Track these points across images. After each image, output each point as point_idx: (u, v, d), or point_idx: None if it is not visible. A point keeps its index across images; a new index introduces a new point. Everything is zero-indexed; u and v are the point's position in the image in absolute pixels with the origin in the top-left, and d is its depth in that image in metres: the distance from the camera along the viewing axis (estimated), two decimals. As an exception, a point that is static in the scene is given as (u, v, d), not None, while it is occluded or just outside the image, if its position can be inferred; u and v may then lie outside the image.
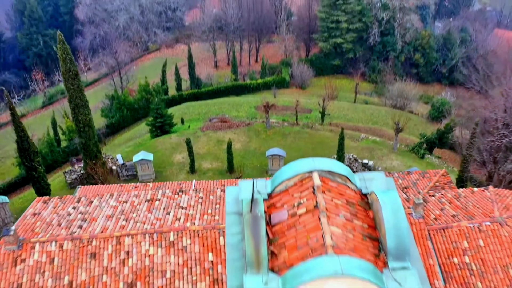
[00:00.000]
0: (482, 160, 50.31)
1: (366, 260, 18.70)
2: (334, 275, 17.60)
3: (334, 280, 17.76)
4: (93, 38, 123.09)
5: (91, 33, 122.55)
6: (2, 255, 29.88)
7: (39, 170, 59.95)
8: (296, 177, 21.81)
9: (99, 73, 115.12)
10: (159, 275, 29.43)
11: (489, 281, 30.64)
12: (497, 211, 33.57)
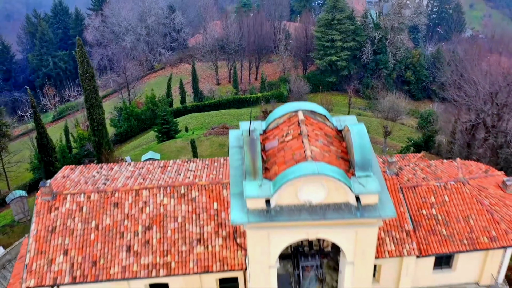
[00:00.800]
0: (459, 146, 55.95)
1: (339, 172, 24.47)
2: (312, 174, 23.33)
3: (312, 178, 23.51)
4: (101, 58, 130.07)
5: (99, 54, 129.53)
6: (39, 204, 35.55)
7: (56, 165, 65.76)
8: (285, 116, 27.81)
9: (106, 91, 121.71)
10: (172, 220, 35.04)
11: (452, 228, 36.18)
12: (461, 174, 39.34)
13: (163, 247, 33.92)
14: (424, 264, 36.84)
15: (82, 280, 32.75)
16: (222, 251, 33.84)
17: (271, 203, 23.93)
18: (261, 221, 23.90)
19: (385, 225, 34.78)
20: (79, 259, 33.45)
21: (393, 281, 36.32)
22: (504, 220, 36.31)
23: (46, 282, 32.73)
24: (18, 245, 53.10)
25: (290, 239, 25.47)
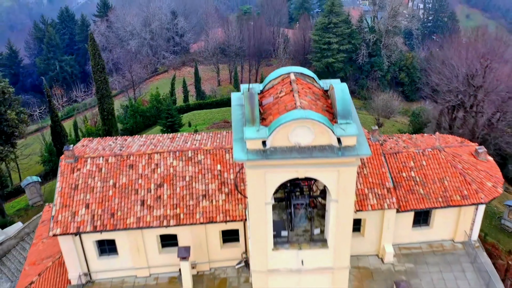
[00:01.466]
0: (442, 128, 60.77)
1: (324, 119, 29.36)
2: (301, 118, 28.20)
3: (301, 122, 28.38)
4: (106, 62, 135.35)
5: (105, 58, 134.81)
6: (63, 166, 40.50)
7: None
8: (279, 78, 32.80)
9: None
10: (181, 179, 39.94)
11: (428, 188, 41.07)
12: (437, 143, 44.31)
13: (173, 201, 38.76)
14: (404, 222, 41.67)
15: (101, 228, 37.54)
16: (225, 205, 38.69)
17: (267, 144, 28.78)
18: (258, 159, 28.74)
19: (368, 183, 39.67)
20: (99, 211, 38.26)
21: (376, 235, 41.08)
22: (475, 182, 41.17)
23: (70, 230, 37.53)
24: (36, 219, 57.93)
25: (283, 178, 30.28)
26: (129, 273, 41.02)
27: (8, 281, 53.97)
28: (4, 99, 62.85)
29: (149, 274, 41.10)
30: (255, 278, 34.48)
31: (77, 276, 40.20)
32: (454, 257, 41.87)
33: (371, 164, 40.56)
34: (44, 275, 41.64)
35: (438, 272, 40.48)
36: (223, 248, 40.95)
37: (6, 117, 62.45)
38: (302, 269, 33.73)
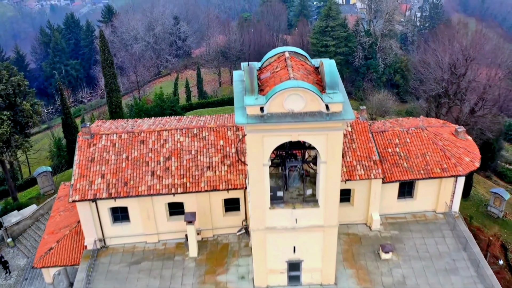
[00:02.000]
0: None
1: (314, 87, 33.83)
2: (293, 87, 32.66)
3: (293, 90, 32.85)
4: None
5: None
6: (81, 141, 44.97)
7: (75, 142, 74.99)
8: (275, 56, 37.38)
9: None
10: (187, 153, 44.39)
11: (412, 162, 45.48)
12: (421, 123, 48.82)
13: (180, 172, 43.18)
14: (389, 194, 46.06)
15: (116, 195, 41.94)
16: (227, 175, 43.12)
17: (264, 110, 33.22)
18: (257, 123, 33.19)
19: (357, 156, 44.10)
20: (113, 181, 42.67)
21: (364, 204, 45.44)
22: (454, 157, 45.62)
23: (88, 197, 41.92)
24: (50, 202, 62.32)
25: (278, 141, 34.67)
26: (139, 239, 45.30)
27: (24, 257, 58.30)
28: (20, 91, 67.42)
29: (158, 240, 45.39)
30: (254, 236, 38.82)
31: (92, 242, 44.43)
32: (436, 225, 46.17)
33: (359, 140, 45.00)
34: (62, 242, 45.94)
35: (421, 238, 44.79)
36: (225, 216, 45.27)
37: (21, 108, 67.01)
38: (296, 226, 38.01)
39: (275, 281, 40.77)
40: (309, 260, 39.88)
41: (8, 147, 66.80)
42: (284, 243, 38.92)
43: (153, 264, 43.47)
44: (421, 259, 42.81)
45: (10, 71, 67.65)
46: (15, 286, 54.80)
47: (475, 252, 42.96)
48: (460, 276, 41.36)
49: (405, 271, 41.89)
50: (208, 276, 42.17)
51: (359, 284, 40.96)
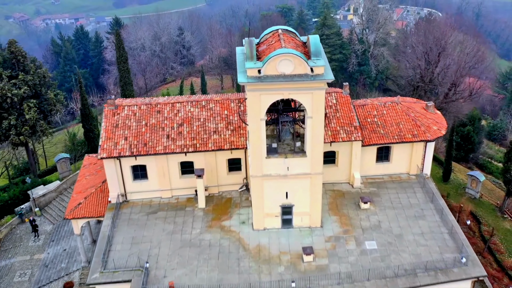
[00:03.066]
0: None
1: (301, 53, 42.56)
2: (284, 53, 41.49)
3: (285, 56, 41.68)
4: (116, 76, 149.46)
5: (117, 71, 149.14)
6: (107, 111, 53.62)
7: (95, 132, 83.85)
8: (270, 33, 46.30)
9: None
10: (196, 120, 52.97)
11: (387, 130, 53.94)
12: (396, 99, 57.54)
13: (191, 135, 51.75)
14: (369, 158, 54.47)
15: (137, 153, 50.46)
16: (230, 137, 51.68)
17: (261, 72, 41.98)
18: (255, 82, 41.93)
19: (340, 123, 52.65)
20: (134, 142, 51.23)
21: (347, 165, 53.84)
22: (424, 125, 54.20)
23: (113, 154, 50.42)
24: (72, 177, 70.80)
25: (272, 98, 43.30)
26: (155, 195, 53.65)
27: (50, 224, 66.59)
28: (44, 82, 76.43)
29: (171, 195, 53.74)
30: (253, 182, 47.31)
31: (116, 196, 52.75)
32: (408, 184, 54.56)
33: (342, 110, 53.64)
34: (89, 198, 54.29)
35: (395, 193, 53.15)
36: (229, 175, 53.67)
37: (46, 97, 75.92)
38: (288, 174, 46.50)
39: (271, 224, 49.05)
40: (299, 205, 48.22)
41: (34, 132, 75.42)
42: (278, 189, 47.31)
43: (167, 213, 51.77)
44: (394, 209, 51.11)
45: (36, 64, 76.70)
46: (43, 247, 63.00)
47: (440, 203, 51.26)
48: (427, 221, 49.63)
49: (381, 217, 50.17)
50: (214, 222, 50.45)
51: (342, 227, 49.23)
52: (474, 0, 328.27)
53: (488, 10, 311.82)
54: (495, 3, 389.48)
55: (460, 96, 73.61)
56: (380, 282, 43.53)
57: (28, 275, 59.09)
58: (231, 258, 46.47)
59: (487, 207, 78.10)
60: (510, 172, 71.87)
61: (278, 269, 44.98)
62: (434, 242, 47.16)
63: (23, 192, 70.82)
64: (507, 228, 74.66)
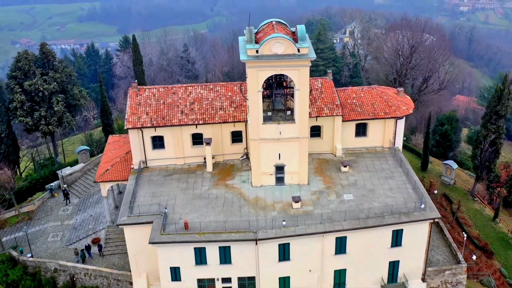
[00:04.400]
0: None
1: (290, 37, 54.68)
2: (277, 36, 53.74)
3: (277, 39, 53.89)
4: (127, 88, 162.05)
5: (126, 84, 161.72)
6: (131, 92, 65.56)
7: (113, 127, 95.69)
8: (266, 24, 58.64)
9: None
10: (205, 100, 64.82)
11: (364, 109, 65.57)
12: (373, 86, 69.58)
13: (201, 111, 63.51)
14: (349, 132, 66.00)
15: (156, 125, 62.18)
16: (233, 113, 63.42)
17: (259, 52, 54.06)
18: (253, 60, 53.95)
19: (324, 102, 64.47)
20: (154, 116, 62.95)
21: (330, 138, 65.40)
22: (394, 106, 66.02)
23: (137, 125, 62.13)
24: (95, 160, 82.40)
25: (267, 74, 55.10)
26: (171, 162, 65.01)
27: (76, 198, 77.94)
28: (71, 80, 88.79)
29: (184, 162, 65.16)
30: (251, 145, 58.96)
31: (138, 163, 64.19)
32: (382, 154, 66.05)
33: (326, 92, 65.51)
34: (115, 165, 65.81)
35: (370, 161, 64.63)
36: (232, 145, 65.21)
37: (71, 93, 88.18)
38: (280, 137, 58.16)
39: (267, 182, 60.47)
40: (289, 165, 59.72)
41: (60, 123, 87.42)
42: (272, 150, 58.85)
43: (181, 176, 63.20)
44: (369, 171, 62.54)
45: (63, 64, 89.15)
46: (71, 215, 74.27)
47: (407, 167, 62.68)
48: (395, 180, 61.04)
49: (357, 178, 61.60)
50: (220, 181, 61.89)
51: (325, 184, 60.66)
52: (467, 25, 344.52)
53: (480, 35, 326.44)
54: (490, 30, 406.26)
55: (431, 89, 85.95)
56: (354, 222, 54.70)
57: (60, 236, 70.23)
58: (233, 206, 57.76)
59: (460, 192, 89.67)
60: (478, 158, 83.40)
61: (272, 213, 56.23)
62: (400, 195, 58.41)
63: (52, 173, 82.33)
64: (476, 208, 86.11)
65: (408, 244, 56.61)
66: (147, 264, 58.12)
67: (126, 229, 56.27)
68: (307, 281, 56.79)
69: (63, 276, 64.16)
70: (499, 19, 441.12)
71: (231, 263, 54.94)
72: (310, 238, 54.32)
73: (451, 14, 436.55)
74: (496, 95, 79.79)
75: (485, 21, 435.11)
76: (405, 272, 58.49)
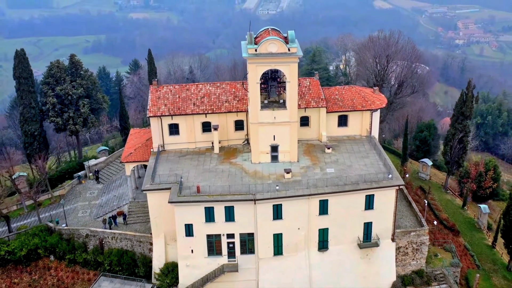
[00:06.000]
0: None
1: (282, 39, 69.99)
2: (272, 38, 69.18)
3: (272, 41, 69.24)
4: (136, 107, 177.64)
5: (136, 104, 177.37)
6: (152, 88, 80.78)
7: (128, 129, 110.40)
8: (263, 30, 74.18)
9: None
10: (213, 95, 79.78)
11: (344, 103, 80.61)
12: (354, 86, 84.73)
13: (210, 103, 78.37)
14: (332, 122, 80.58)
15: (172, 113, 77.09)
16: (237, 105, 78.35)
17: (257, 51, 69.43)
18: (253, 57, 69.22)
19: (312, 96, 79.47)
20: (171, 107, 77.94)
21: (317, 127, 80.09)
22: (370, 101, 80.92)
23: (157, 114, 77.07)
24: (116, 153, 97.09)
25: (264, 68, 70.23)
26: (184, 146, 79.34)
27: (101, 184, 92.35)
28: (94, 86, 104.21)
29: (195, 146, 79.59)
30: (251, 128, 73.73)
31: (157, 146, 78.77)
32: (360, 141, 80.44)
33: (313, 89, 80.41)
34: (137, 149, 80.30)
35: (350, 145, 79.01)
36: (235, 132, 79.83)
37: (95, 97, 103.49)
38: (275, 122, 72.92)
39: (264, 159, 74.85)
40: (282, 145, 74.22)
41: (85, 124, 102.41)
42: (268, 132, 73.45)
43: (193, 156, 77.59)
44: (348, 153, 76.95)
45: (88, 73, 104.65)
46: (97, 197, 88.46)
47: (380, 150, 77.27)
48: (369, 159, 75.42)
49: (338, 157, 75.98)
50: (225, 160, 76.25)
51: (311, 161, 74.95)
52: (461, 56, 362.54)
53: (473, 65, 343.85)
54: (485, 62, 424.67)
55: (406, 93, 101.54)
56: (334, 187, 68.86)
57: (88, 212, 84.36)
58: (236, 177, 72.07)
59: (434, 185, 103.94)
60: (448, 154, 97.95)
61: (268, 181, 70.56)
62: (372, 169, 72.66)
63: (79, 164, 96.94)
64: (448, 199, 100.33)
65: (378, 207, 70.52)
66: (165, 226, 71.93)
67: (149, 194, 70.38)
68: (296, 238, 70.50)
69: (93, 241, 77.86)
70: (494, 52, 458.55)
71: (234, 221, 68.65)
72: (298, 200, 68.31)
73: (447, 47, 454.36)
74: (461, 99, 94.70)
75: (480, 54, 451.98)
76: (377, 233, 72.06)
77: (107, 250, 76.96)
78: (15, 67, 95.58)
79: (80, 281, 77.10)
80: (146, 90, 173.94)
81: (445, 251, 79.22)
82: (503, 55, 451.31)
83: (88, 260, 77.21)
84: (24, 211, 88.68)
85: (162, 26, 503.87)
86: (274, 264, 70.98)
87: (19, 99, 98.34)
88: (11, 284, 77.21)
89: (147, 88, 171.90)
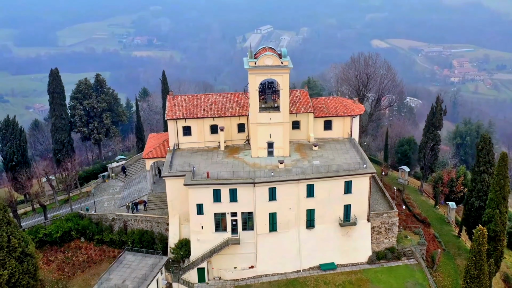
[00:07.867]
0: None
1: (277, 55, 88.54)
2: (268, 54, 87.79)
3: (268, 56, 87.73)
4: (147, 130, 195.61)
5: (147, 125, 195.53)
6: (169, 98, 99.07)
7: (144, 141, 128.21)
8: (261, 48, 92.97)
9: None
10: (219, 102, 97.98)
11: (329, 110, 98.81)
12: (337, 97, 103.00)
13: (217, 109, 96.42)
14: (319, 126, 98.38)
15: (186, 117, 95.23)
16: (239, 110, 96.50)
17: (256, 64, 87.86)
18: (253, 69, 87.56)
19: (301, 104, 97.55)
20: (185, 112, 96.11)
21: (306, 129, 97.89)
22: (350, 108, 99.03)
23: (174, 117, 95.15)
24: (134, 157, 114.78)
25: (261, 78, 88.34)
26: (195, 145, 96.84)
27: (122, 182, 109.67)
28: (116, 101, 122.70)
29: (204, 145, 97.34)
30: (251, 128, 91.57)
31: (173, 145, 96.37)
32: (342, 141, 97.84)
33: (303, 98, 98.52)
34: (156, 148, 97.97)
35: (333, 145, 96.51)
36: (238, 134, 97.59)
37: (116, 111, 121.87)
38: (271, 122, 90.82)
39: (261, 154, 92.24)
40: (277, 142, 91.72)
41: (107, 134, 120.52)
42: (265, 131, 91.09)
43: (202, 153, 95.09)
44: (332, 150, 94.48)
45: (110, 90, 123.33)
46: (119, 192, 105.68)
47: (358, 147, 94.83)
48: (349, 154, 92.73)
49: (323, 153, 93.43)
50: (229, 155, 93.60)
51: (301, 156, 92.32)
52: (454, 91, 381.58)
53: (464, 99, 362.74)
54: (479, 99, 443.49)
55: (384, 106, 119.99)
56: (319, 174, 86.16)
57: (113, 203, 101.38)
58: (239, 167, 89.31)
59: (411, 189, 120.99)
60: (422, 160, 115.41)
61: (265, 170, 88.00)
62: (351, 162, 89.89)
63: (102, 166, 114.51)
64: (422, 199, 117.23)
65: (356, 192, 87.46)
66: (179, 208, 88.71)
67: (167, 180, 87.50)
68: (288, 217, 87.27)
69: (118, 224, 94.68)
70: (488, 89, 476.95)
71: (237, 201, 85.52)
72: (289, 184, 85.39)
73: (442, 85, 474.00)
74: (431, 112, 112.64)
75: (475, 91, 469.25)
76: (355, 214, 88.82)
77: (130, 230, 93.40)
78: (50, 83, 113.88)
79: (106, 257, 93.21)
80: (155, 116, 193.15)
81: (414, 234, 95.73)
82: (497, 92, 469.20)
83: (113, 239, 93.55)
84: (56, 205, 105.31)
85: (166, 63, 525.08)
86: (270, 239, 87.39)
87: (52, 111, 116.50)
88: (47, 261, 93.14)
89: (156, 114, 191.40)
